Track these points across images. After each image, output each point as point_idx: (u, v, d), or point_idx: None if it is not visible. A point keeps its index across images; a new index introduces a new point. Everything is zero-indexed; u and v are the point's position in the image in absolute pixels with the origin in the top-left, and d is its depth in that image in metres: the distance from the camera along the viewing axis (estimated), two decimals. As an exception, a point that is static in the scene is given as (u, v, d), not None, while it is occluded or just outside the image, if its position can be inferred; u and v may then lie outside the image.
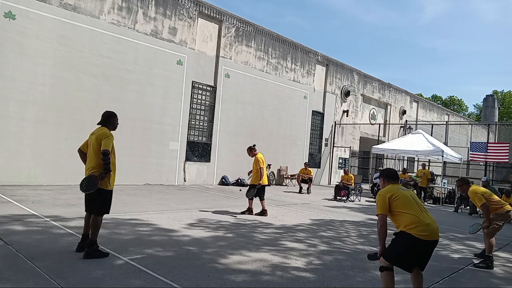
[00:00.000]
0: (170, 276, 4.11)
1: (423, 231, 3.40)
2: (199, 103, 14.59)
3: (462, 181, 6.37)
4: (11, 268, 4.00)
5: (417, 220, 3.45)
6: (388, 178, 3.85)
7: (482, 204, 5.84)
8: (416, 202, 3.63)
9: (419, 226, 3.42)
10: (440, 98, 62.74)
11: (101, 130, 4.75)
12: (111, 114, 4.92)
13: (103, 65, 11.65)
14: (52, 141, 10.67)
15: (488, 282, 5.06)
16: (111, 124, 4.87)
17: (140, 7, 12.50)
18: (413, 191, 13.84)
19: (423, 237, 3.39)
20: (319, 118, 20.45)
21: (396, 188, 3.70)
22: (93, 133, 4.80)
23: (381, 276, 3.58)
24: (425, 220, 3.46)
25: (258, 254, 5.29)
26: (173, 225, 6.75)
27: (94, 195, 4.57)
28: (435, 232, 3.47)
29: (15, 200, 7.78)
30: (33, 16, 10.19)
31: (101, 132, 4.71)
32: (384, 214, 3.58)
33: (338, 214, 10.03)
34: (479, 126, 36.34)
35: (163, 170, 13.32)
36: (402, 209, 3.53)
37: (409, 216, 3.49)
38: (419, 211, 3.53)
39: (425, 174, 15.43)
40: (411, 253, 3.46)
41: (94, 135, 4.74)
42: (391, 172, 3.95)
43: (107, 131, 4.73)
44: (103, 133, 4.67)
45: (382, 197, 3.63)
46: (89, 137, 4.85)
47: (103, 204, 4.65)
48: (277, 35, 17.59)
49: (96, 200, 4.61)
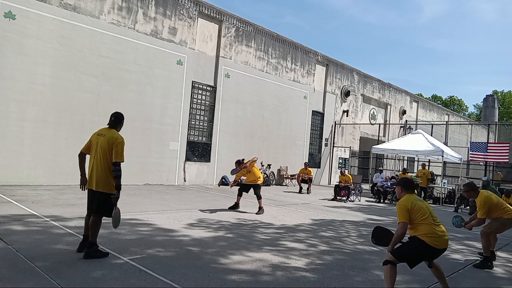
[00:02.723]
0: (170, 276, 4.11)
1: (436, 241, 3.80)
2: (199, 103, 14.59)
3: (470, 186, 5.96)
4: (11, 268, 4.00)
5: (432, 231, 3.81)
6: (406, 188, 4.09)
7: (481, 218, 5.62)
8: (431, 213, 3.94)
9: (433, 236, 3.80)
10: (440, 98, 62.74)
11: (112, 133, 4.63)
12: (122, 116, 4.83)
13: (103, 65, 11.65)
14: (52, 141, 10.67)
15: (488, 282, 5.06)
16: (121, 126, 4.81)
17: (140, 7, 12.50)
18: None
19: (435, 245, 3.80)
20: (319, 118, 20.45)
21: (414, 199, 3.97)
22: (100, 134, 4.66)
23: (385, 268, 3.85)
24: (438, 231, 3.84)
25: (259, 254, 5.29)
26: (173, 225, 6.75)
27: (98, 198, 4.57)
28: (445, 242, 3.87)
29: (15, 200, 7.77)
30: (33, 16, 10.19)
31: (112, 135, 4.60)
32: (406, 222, 3.85)
33: (338, 214, 10.02)
34: (479, 126, 36.34)
35: (163, 170, 13.32)
36: (421, 220, 3.85)
37: (426, 226, 3.83)
38: (433, 223, 3.88)
39: (425, 174, 15.41)
40: (420, 256, 3.87)
41: (104, 137, 4.59)
42: (410, 183, 4.17)
43: (119, 136, 4.64)
44: (115, 137, 4.57)
45: (404, 207, 3.89)
46: (95, 137, 4.70)
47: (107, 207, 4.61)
48: (277, 35, 17.58)
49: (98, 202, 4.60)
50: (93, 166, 4.62)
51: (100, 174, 4.55)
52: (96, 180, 4.57)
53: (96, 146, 4.62)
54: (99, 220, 4.64)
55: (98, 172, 4.55)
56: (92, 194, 4.67)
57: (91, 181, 4.61)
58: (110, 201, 4.60)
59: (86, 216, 4.75)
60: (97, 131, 4.77)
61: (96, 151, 4.60)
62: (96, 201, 4.59)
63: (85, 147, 4.81)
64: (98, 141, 4.63)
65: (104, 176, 4.56)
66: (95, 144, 4.65)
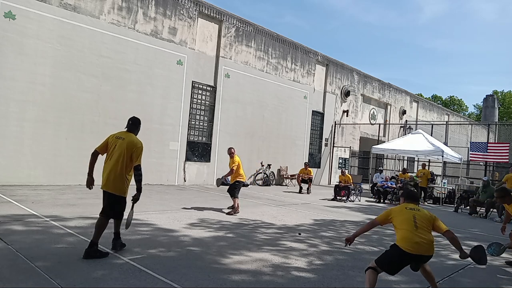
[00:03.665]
0: (170, 276, 4.11)
1: (409, 246, 3.79)
2: (199, 103, 14.59)
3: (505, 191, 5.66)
4: (11, 268, 4.00)
5: (407, 236, 3.84)
6: (406, 198, 4.30)
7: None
8: (416, 221, 3.93)
9: (407, 241, 3.82)
10: (440, 98, 62.74)
11: (131, 137, 4.73)
12: (139, 120, 4.97)
13: (103, 65, 11.65)
14: (52, 141, 10.66)
15: (489, 282, 5.06)
16: (138, 130, 4.91)
17: (140, 7, 12.50)
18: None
19: (408, 250, 3.79)
20: (319, 118, 20.45)
21: (404, 207, 4.10)
22: (118, 137, 4.72)
23: (366, 274, 3.96)
24: (414, 238, 3.81)
25: (259, 254, 5.29)
26: (173, 225, 6.75)
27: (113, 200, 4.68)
28: (422, 249, 3.80)
29: (15, 200, 7.77)
30: (33, 16, 10.18)
31: (132, 140, 4.69)
32: (378, 221, 4.15)
33: (338, 214, 10.02)
34: (479, 126, 36.33)
35: (163, 170, 13.31)
36: (398, 226, 3.98)
37: (403, 231, 3.90)
38: (413, 229, 3.87)
39: (425, 174, 15.42)
40: (396, 262, 3.89)
41: (123, 141, 4.66)
42: (410, 194, 4.39)
43: (139, 141, 4.77)
44: (135, 143, 4.68)
45: (389, 210, 4.17)
46: (113, 139, 4.73)
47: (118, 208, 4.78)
48: (277, 35, 17.58)
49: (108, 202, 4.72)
50: (108, 167, 4.67)
51: (113, 176, 4.63)
52: (111, 182, 4.65)
53: (113, 148, 4.67)
54: (106, 222, 4.71)
55: (112, 175, 4.63)
56: (106, 195, 4.75)
57: (110, 184, 4.67)
58: (120, 204, 4.73)
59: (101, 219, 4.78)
60: (115, 134, 4.82)
61: (113, 153, 4.66)
62: (112, 203, 4.70)
63: (101, 146, 4.81)
64: (116, 143, 4.68)
65: (118, 179, 4.64)
66: (112, 146, 4.70)
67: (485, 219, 11.58)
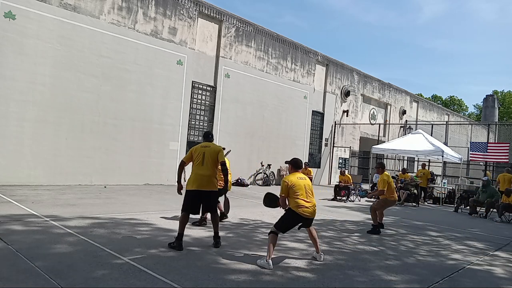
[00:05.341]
0: (170, 276, 4.11)
1: (303, 211, 4.94)
2: (199, 103, 14.59)
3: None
4: (11, 268, 3.99)
5: (301, 204, 4.95)
6: (295, 167, 5.21)
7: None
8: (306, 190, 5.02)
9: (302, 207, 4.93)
10: (440, 98, 62.73)
11: (214, 145, 5.74)
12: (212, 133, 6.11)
13: (103, 65, 11.65)
14: (52, 141, 10.67)
15: (489, 282, 5.06)
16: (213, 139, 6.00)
17: (140, 7, 12.50)
18: (413, 191, 13.88)
19: (302, 214, 4.96)
20: (319, 118, 20.45)
21: (296, 177, 5.06)
22: (204, 146, 5.63)
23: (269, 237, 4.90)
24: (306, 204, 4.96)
25: (259, 254, 5.28)
26: (173, 225, 6.74)
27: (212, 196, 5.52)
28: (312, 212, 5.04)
29: (15, 200, 7.77)
30: (33, 16, 10.19)
31: (216, 146, 5.70)
32: (284, 196, 5.02)
33: (338, 214, 10.02)
34: (479, 126, 36.34)
35: (163, 170, 13.32)
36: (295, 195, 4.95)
37: (298, 200, 4.95)
38: (305, 198, 4.98)
39: (425, 174, 15.42)
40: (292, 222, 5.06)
41: (210, 148, 5.59)
42: (299, 162, 5.25)
43: (219, 146, 5.80)
44: (218, 148, 5.69)
45: (285, 184, 4.99)
46: (199, 149, 5.58)
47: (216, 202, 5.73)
48: (277, 35, 17.58)
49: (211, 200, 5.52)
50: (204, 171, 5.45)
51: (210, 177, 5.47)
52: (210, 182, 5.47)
53: (203, 156, 5.51)
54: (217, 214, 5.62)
55: (208, 176, 5.44)
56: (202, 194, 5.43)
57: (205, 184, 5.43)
58: (216, 197, 5.66)
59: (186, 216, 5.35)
60: (200, 144, 5.72)
61: (204, 159, 5.49)
62: (211, 199, 5.49)
63: (187, 157, 5.68)
64: (204, 151, 5.54)
65: (213, 179, 5.52)
66: (201, 154, 5.53)
67: (485, 219, 11.58)
